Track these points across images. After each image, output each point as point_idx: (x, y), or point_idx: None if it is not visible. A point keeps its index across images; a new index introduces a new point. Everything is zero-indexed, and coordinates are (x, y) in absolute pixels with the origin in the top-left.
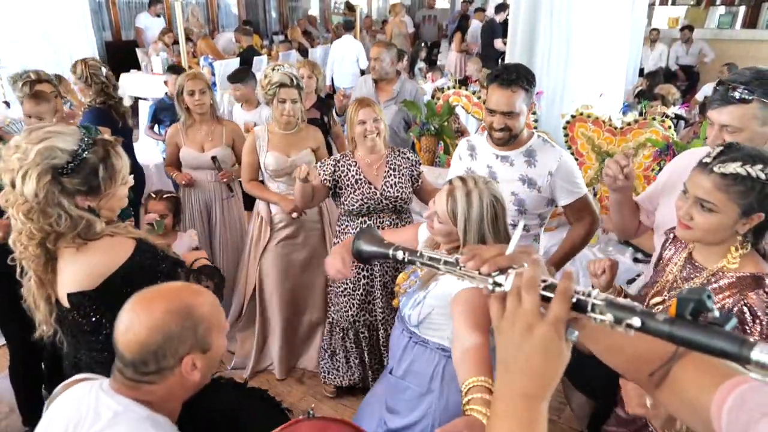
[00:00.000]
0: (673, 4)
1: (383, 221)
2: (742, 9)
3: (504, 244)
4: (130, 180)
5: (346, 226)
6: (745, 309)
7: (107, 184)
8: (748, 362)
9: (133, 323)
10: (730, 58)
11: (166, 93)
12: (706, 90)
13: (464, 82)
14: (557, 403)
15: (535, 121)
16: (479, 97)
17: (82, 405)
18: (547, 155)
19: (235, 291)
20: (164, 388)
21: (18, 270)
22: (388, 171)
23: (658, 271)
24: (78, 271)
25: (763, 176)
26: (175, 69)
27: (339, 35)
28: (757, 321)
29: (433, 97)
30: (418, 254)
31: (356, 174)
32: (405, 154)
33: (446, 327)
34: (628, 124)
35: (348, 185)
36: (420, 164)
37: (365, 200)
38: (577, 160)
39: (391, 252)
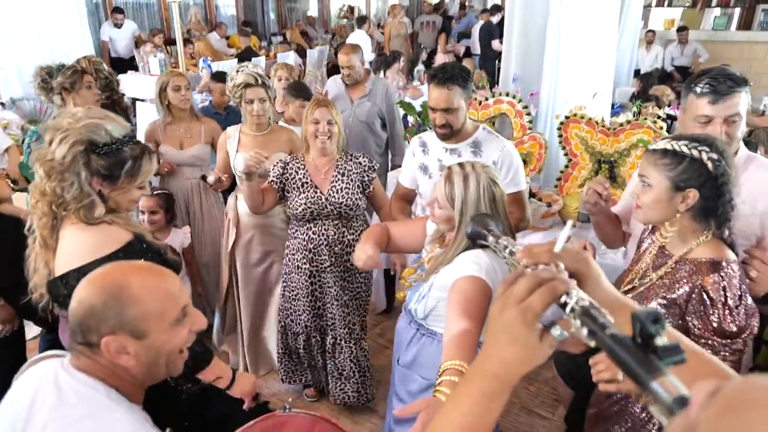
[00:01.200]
0: (670, 5)
1: (328, 228)
2: (737, 11)
3: (552, 241)
4: (147, 189)
5: (295, 231)
6: (703, 294)
7: (126, 179)
8: (647, 390)
9: (77, 290)
10: (724, 59)
11: (210, 101)
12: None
13: None
14: (551, 401)
15: (530, 122)
16: (475, 98)
17: (42, 381)
18: (491, 146)
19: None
20: (104, 367)
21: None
22: (337, 176)
23: (634, 261)
24: (70, 250)
25: (686, 150)
26: (220, 76)
27: (341, 34)
28: (714, 305)
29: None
30: (498, 241)
31: (303, 177)
32: (358, 159)
33: None
34: (620, 125)
35: (294, 188)
36: (374, 170)
37: (309, 205)
38: (570, 160)
39: (489, 237)
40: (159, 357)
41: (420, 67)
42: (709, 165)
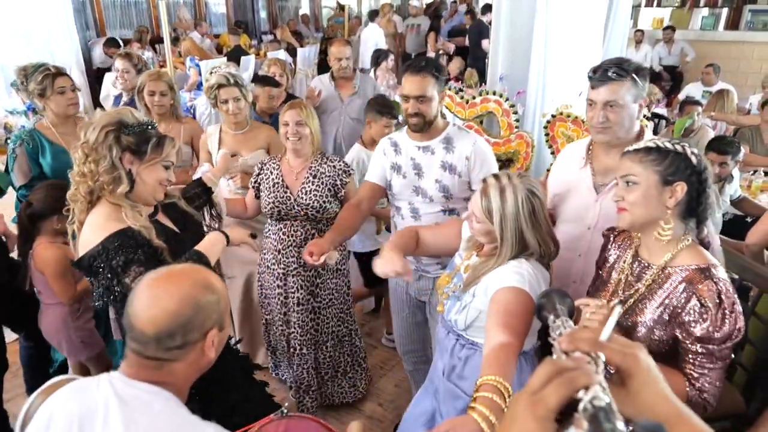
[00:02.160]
0: (659, 5)
1: (297, 229)
2: (725, 11)
3: (599, 328)
4: (173, 176)
5: (268, 230)
6: (697, 302)
7: (153, 153)
8: None
9: (160, 298)
10: (712, 58)
11: (254, 108)
12: (687, 90)
13: (446, 81)
14: None
15: (517, 120)
16: (462, 97)
17: (88, 400)
18: (463, 141)
19: None
20: (184, 367)
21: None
22: (308, 177)
23: (605, 273)
24: (85, 232)
25: (670, 146)
26: (264, 80)
27: (333, 33)
28: (708, 311)
29: None
30: (554, 322)
31: (276, 177)
32: (333, 162)
33: None
34: None
35: (266, 187)
36: (349, 174)
37: (276, 203)
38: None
39: (550, 317)
40: (222, 346)
41: None
42: (693, 159)
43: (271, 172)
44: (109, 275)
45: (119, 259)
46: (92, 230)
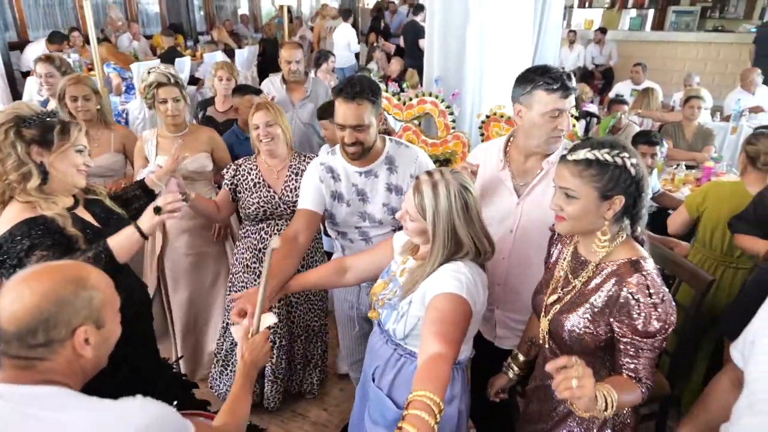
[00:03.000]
0: (590, 6)
1: (281, 228)
2: (651, 12)
3: None
4: (89, 160)
5: (246, 231)
6: (628, 295)
7: (60, 141)
8: None
9: (23, 294)
10: (640, 57)
11: (236, 124)
12: (617, 88)
13: (384, 82)
14: None
15: (453, 121)
16: (399, 98)
17: None
18: (406, 158)
19: None
20: (61, 367)
21: None
22: (290, 175)
23: (549, 270)
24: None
25: (609, 158)
26: (243, 89)
27: (270, 34)
28: (640, 305)
29: None
30: None
31: (256, 178)
32: (312, 158)
33: None
34: None
35: (246, 189)
36: None
37: (262, 204)
38: None
39: None
40: (107, 348)
41: None
42: (632, 171)
43: (249, 173)
44: (14, 262)
45: (24, 243)
46: (2, 227)
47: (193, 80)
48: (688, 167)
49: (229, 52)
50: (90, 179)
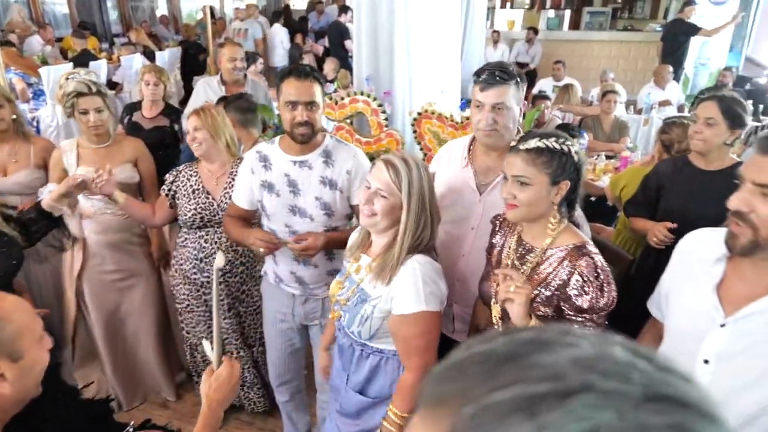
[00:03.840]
0: (512, 7)
1: (221, 235)
2: (568, 12)
3: None
4: None
5: (185, 239)
6: (579, 277)
7: None
8: None
9: None
10: (560, 56)
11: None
12: (540, 84)
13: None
14: None
15: (386, 119)
16: (331, 98)
17: None
18: (343, 154)
19: (62, 325)
20: None
21: None
22: (230, 182)
23: (493, 258)
24: None
25: (557, 146)
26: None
27: (190, 35)
28: (589, 284)
29: None
30: None
31: (195, 184)
32: None
33: None
34: (467, 118)
35: (184, 195)
36: None
37: (199, 210)
38: (426, 154)
39: None
40: (31, 379)
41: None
42: (575, 157)
43: (188, 179)
44: None
45: None
46: None
47: (110, 84)
48: (607, 157)
49: (149, 55)
50: (6, 197)
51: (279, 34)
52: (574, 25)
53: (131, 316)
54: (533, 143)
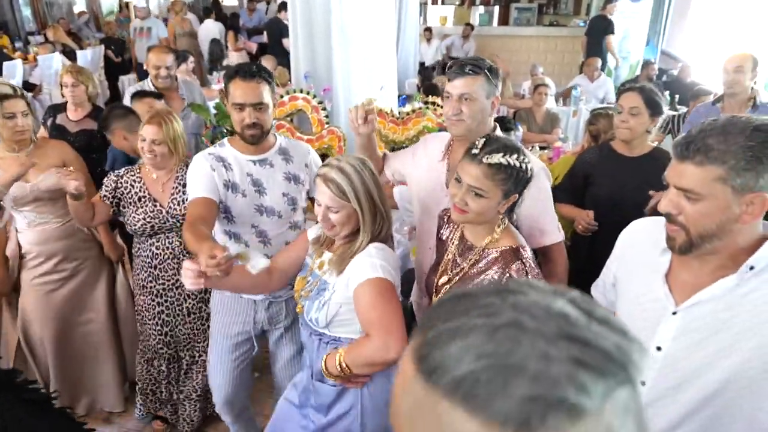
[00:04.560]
0: (443, 3)
1: (173, 241)
2: (497, 8)
3: None
4: None
5: (138, 248)
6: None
7: None
8: None
9: None
10: (491, 50)
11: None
12: None
13: None
14: None
15: (327, 116)
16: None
17: None
18: (299, 150)
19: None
20: None
21: None
22: (177, 187)
23: (439, 252)
24: None
25: (518, 164)
26: (140, 94)
27: (111, 33)
28: None
29: None
30: None
31: (140, 191)
32: None
33: (355, 320)
34: (407, 114)
35: (130, 203)
36: None
37: (148, 219)
38: None
39: None
40: None
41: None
42: (529, 173)
43: (132, 186)
44: None
45: None
46: None
47: (27, 86)
48: (541, 148)
49: (69, 54)
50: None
51: (212, 31)
52: (503, 20)
53: (81, 325)
54: (497, 158)
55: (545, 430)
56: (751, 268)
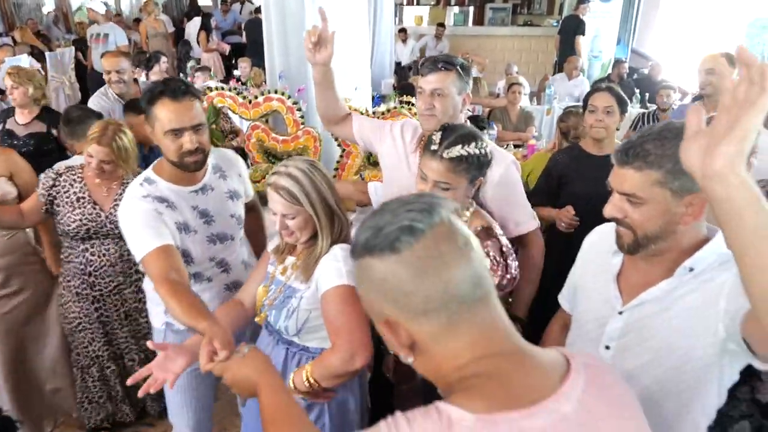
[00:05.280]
0: (418, 4)
1: (109, 247)
2: (472, 9)
3: None
4: None
5: (69, 254)
6: (486, 256)
7: None
8: None
9: None
10: (466, 50)
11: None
12: None
13: (226, 81)
14: None
15: (302, 117)
16: (244, 97)
17: None
18: (228, 160)
19: None
20: None
21: None
22: (122, 193)
23: None
24: None
25: (478, 152)
26: (135, 108)
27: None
28: (496, 263)
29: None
30: None
31: (80, 192)
32: None
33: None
34: (383, 113)
35: (66, 203)
36: None
37: (85, 222)
38: (344, 150)
39: None
40: None
41: (193, 62)
42: (489, 156)
43: (71, 185)
44: None
45: None
46: None
47: None
48: (515, 146)
49: (38, 55)
50: None
51: (197, 29)
52: (478, 20)
53: (33, 342)
54: (456, 151)
55: (403, 244)
56: (691, 269)
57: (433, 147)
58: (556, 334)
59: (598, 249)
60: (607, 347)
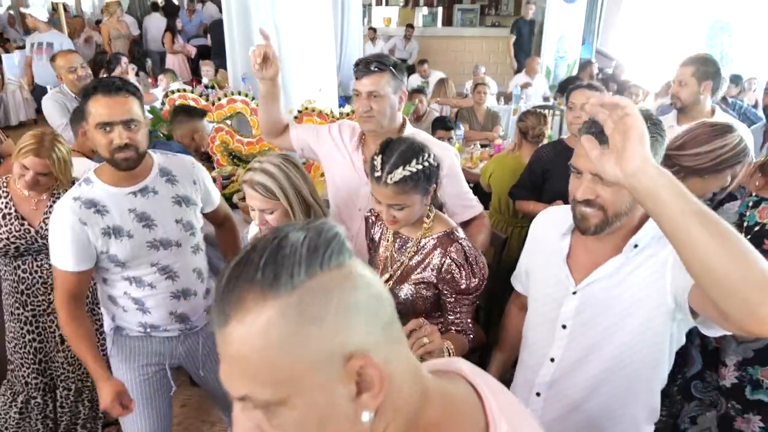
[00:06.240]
0: (387, 4)
1: (42, 263)
2: (441, 9)
3: None
4: None
5: (3, 271)
6: (451, 262)
7: None
8: None
9: None
10: (434, 51)
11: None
12: (410, 81)
13: (190, 83)
14: None
15: None
16: (207, 99)
17: None
18: (181, 166)
19: None
20: None
21: None
22: (52, 206)
23: (373, 251)
24: None
25: (421, 166)
26: (187, 111)
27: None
28: (461, 268)
29: (162, 102)
30: None
31: (5, 207)
32: None
33: None
34: (347, 114)
35: None
36: None
37: (12, 239)
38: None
39: None
40: None
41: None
42: (435, 162)
43: None
44: None
45: None
46: None
47: None
48: (482, 146)
49: None
50: None
51: (161, 27)
52: (447, 21)
53: None
54: (399, 174)
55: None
56: (635, 246)
57: (377, 174)
58: (515, 316)
59: (546, 232)
60: (564, 326)
